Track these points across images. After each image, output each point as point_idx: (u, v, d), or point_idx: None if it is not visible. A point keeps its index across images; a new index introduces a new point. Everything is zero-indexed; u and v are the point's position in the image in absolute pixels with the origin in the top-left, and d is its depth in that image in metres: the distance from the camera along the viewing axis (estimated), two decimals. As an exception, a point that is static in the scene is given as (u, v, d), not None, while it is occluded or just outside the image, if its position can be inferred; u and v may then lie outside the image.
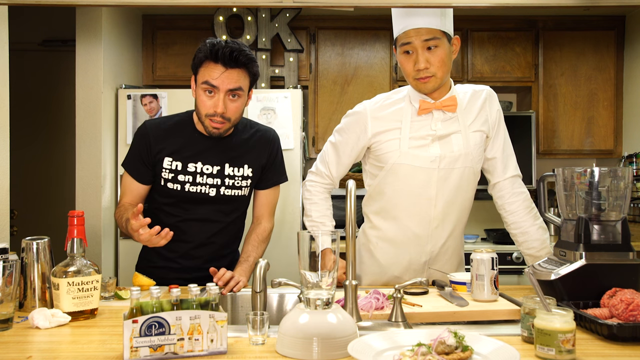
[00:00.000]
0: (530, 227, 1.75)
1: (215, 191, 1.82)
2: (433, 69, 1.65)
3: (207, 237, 1.85)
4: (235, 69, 1.70)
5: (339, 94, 3.73)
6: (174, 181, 1.81)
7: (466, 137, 1.72)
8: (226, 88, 1.70)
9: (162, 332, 1.06)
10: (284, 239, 3.26)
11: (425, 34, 1.62)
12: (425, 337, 1.07)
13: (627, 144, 3.70)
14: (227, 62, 1.68)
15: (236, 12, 3.57)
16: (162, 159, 1.80)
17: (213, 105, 1.72)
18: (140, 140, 1.83)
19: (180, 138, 1.83)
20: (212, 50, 1.69)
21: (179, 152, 1.81)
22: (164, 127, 1.85)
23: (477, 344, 1.06)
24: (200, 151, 1.82)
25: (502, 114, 1.81)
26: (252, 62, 1.74)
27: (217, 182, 1.82)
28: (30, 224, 3.49)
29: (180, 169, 1.80)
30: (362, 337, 1.09)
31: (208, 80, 1.70)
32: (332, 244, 1.21)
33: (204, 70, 1.72)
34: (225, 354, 1.10)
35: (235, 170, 1.84)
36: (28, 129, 4.04)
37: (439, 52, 1.64)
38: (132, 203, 1.82)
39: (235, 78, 1.71)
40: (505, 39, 3.75)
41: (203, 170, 1.81)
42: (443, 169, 1.71)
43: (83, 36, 3.10)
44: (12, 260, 1.32)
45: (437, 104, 1.71)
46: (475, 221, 3.87)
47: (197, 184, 1.81)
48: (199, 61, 1.74)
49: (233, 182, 1.84)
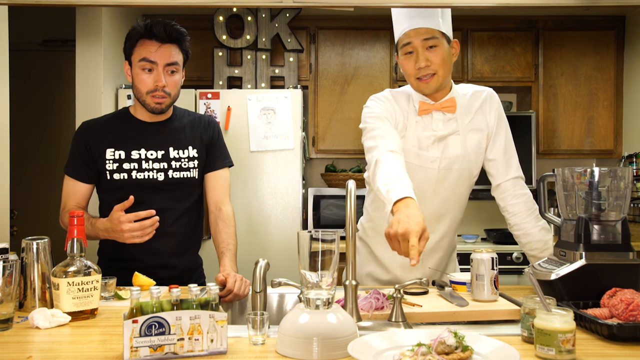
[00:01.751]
0: (533, 228, 1.75)
1: (164, 175, 1.83)
2: (434, 67, 1.66)
3: (165, 227, 1.80)
4: (169, 44, 1.78)
5: (339, 94, 3.73)
6: (120, 171, 1.81)
7: (464, 138, 1.74)
8: (164, 62, 1.77)
9: (162, 332, 1.06)
10: (284, 239, 3.26)
11: (424, 34, 1.64)
12: (425, 337, 1.07)
13: (627, 144, 3.70)
14: (162, 38, 1.76)
15: (236, 12, 3.57)
16: (104, 151, 1.81)
17: (154, 80, 1.77)
18: (79, 141, 1.85)
19: (120, 129, 1.85)
20: (147, 27, 1.76)
21: (121, 142, 1.82)
22: (100, 122, 1.89)
23: (477, 344, 1.06)
24: (141, 138, 1.84)
25: (504, 115, 1.81)
26: (184, 37, 1.82)
27: (163, 165, 1.83)
28: (30, 224, 3.48)
29: (124, 157, 1.81)
30: (362, 337, 1.09)
31: (146, 57, 1.75)
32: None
33: (140, 48, 1.77)
34: (225, 354, 1.10)
35: (180, 152, 1.85)
36: (28, 129, 4.04)
37: (439, 50, 1.65)
38: (78, 205, 1.82)
39: (170, 53, 1.78)
40: (505, 39, 3.75)
41: (147, 156, 1.82)
42: (442, 169, 1.73)
43: (83, 36, 3.10)
44: (12, 260, 1.32)
45: (436, 105, 1.72)
46: (475, 221, 3.87)
47: (144, 169, 1.81)
48: (134, 41, 1.79)
49: (180, 164, 1.85)
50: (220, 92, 3.28)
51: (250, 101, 3.24)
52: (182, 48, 1.82)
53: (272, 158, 3.24)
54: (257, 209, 3.25)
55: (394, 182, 1.47)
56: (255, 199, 3.24)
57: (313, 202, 3.51)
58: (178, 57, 1.81)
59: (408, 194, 1.42)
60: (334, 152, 3.74)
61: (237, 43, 3.57)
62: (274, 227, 3.27)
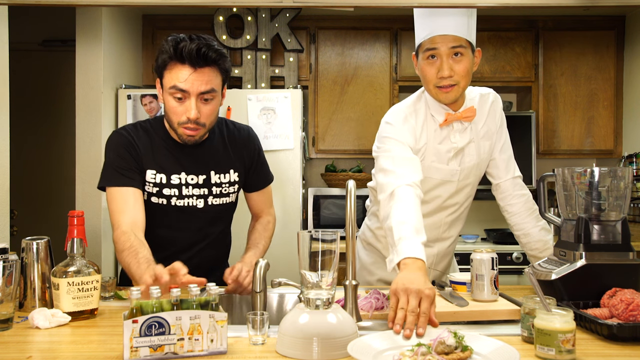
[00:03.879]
0: (532, 228, 1.76)
1: (203, 202, 1.69)
2: (457, 78, 1.58)
3: (195, 250, 1.71)
4: (205, 68, 1.52)
5: (339, 94, 3.73)
6: (159, 195, 1.64)
7: (478, 146, 1.72)
8: (197, 91, 1.52)
9: (162, 332, 1.06)
10: (284, 239, 3.26)
11: (452, 41, 1.55)
12: (425, 337, 1.07)
13: (627, 144, 3.70)
14: (195, 62, 1.50)
15: (236, 12, 3.57)
16: (145, 171, 1.63)
17: (185, 112, 1.54)
18: (127, 149, 1.62)
19: (158, 148, 1.65)
20: (177, 49, 1.49)
21: (160, 164, 1.64)
22: (138, 135, 1.65)
23: (476, 344, 1.06)
24: (181, 160, 1.66)
25: (504, 116, 1.81)
26: (222, 57, 1.56)
27: (204, 192, 1.68)
28: (30, 224, 3.48)
29: (165, 182, 1.64)
30: (362, 337, 1.09)
31: (176, 85, 1.51)
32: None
33: (170, 73, 1.53)
34: (225, 353, 1.10)
35: (221, 177, 1.70)
36: (28, 129, 4.04)
37: (464, 61, 1.57)
38: (135, 222, 1.55)
39: (206, 79, 1.52)
40: (505, 39, 3.75)
41: (188, 181, 1.66)
42: (461, 181, 1.72)
43: (83, 36, 3.10)
44: (12, 260, 1.32)
45: (457, 114, 1.66)
46: (475, 221, 3.87)
47: (184, 196, 1.66)
48: (162, 63, 1.54)
49: (220, 189, 1.71)
50: (220, 92, 3.28)
51: (250, 101, 3.24)
52: (221, 69, 1.57)
53: (272, 158, 3.23)
54: (257, 209, 3.25)
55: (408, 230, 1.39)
56: (255, 199, 3.24)
57: (313, 202, 3.51)
58: (215, 82, 1.55)
59: (421, 255, 1.34)
60: (334, 152, 3.74)
61: (237, 43, 3.57)
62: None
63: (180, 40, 1.50)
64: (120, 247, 1.49)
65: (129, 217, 1.54)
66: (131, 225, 1.52)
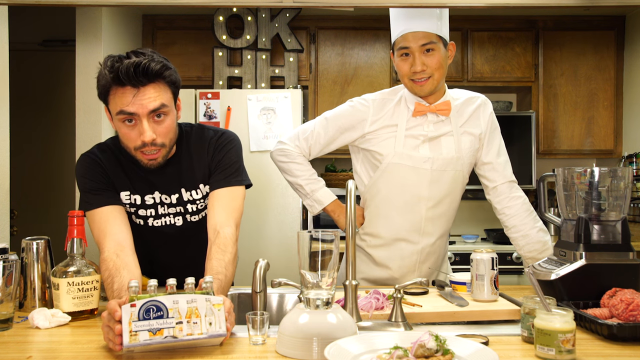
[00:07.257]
0: (531, 229, 1.76)
1: (182, 219, 1.62)
2: (430, 70, 1.67)
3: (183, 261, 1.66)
4: (148, 85, 1.39)
5: (339, 94, 3.73)
6: (136, 216, 1.59)
7: (458, 139, 1.76)
8: (146, 111, 1.39)
9: (160, 315, 1.06)
10: (284, 239, 3.26)
11: (422, 38, 1.65)
12: (404, 340, 1.03)
13: (627, 144, 3.70)
14: (136, 81, 1.37)
15: (236, 12, 3.57)
16: (119, 192, 1.56)
17: (139, 135, 1.42)
18: (95, 169, 1.54)
19: (129, 168, 1.56)
20: (113, 72, 1.37)
21: (132, 185, 1.57)
22: (108, 156, 1.57)
23: (456, 347, 1.02)
24: (152, 180, 1.57)
25: (497, 121, 1.84)
26: (166, 69, 1.43)
27: (179, 210, 1.61)
28: (30, 224, 3.49)
29: (139, 203, 1.57)
30: (338, 341, 1.05)
31: (122, 110, 1.39)
32: (332, 242, 1.20)
33: (114, 98, 1.40)
34: (225, 336, 1.10)
35: (193, 193, 1.60)
36: (28, 129, 4.04)
37: (436, 55, 1.67)
38: (117, 242, 1.46)
39: (152, 96, 1.39)
40: (505, 39, 3.75)
41: (162, 200, 1.58)
42: (435, 170, 1.74)
43: (83, 36, 3.10)
44: (12, 260, 1.32)
45: (431, 107, 1.74)
46: (475, 221, 3.87)
47: (160, 216, 1.59)
48: (103, 90, 1.42)
49: (195, 206, 1.62)
50: (220, 92, 3.28)
51: (250, 101, 3.24)
52: (167, 82, 1.44)
53: (272, 158, 3.24)
54: (257, 209, 3.25)
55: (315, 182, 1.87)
56: (255, 199, 3.24)
57: (313, 202, 3.51)
58: (165, 97, 1.42)
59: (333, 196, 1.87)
60: (333, 152, 3.72)
61: (237, 43, 3.57)
62: (274, 227, 3.27)
63: (116, 61, 1.38)
64: (103, 277, 1.42)
65: (111, 239, 1.47)
66: (114, 247, 1.44)
